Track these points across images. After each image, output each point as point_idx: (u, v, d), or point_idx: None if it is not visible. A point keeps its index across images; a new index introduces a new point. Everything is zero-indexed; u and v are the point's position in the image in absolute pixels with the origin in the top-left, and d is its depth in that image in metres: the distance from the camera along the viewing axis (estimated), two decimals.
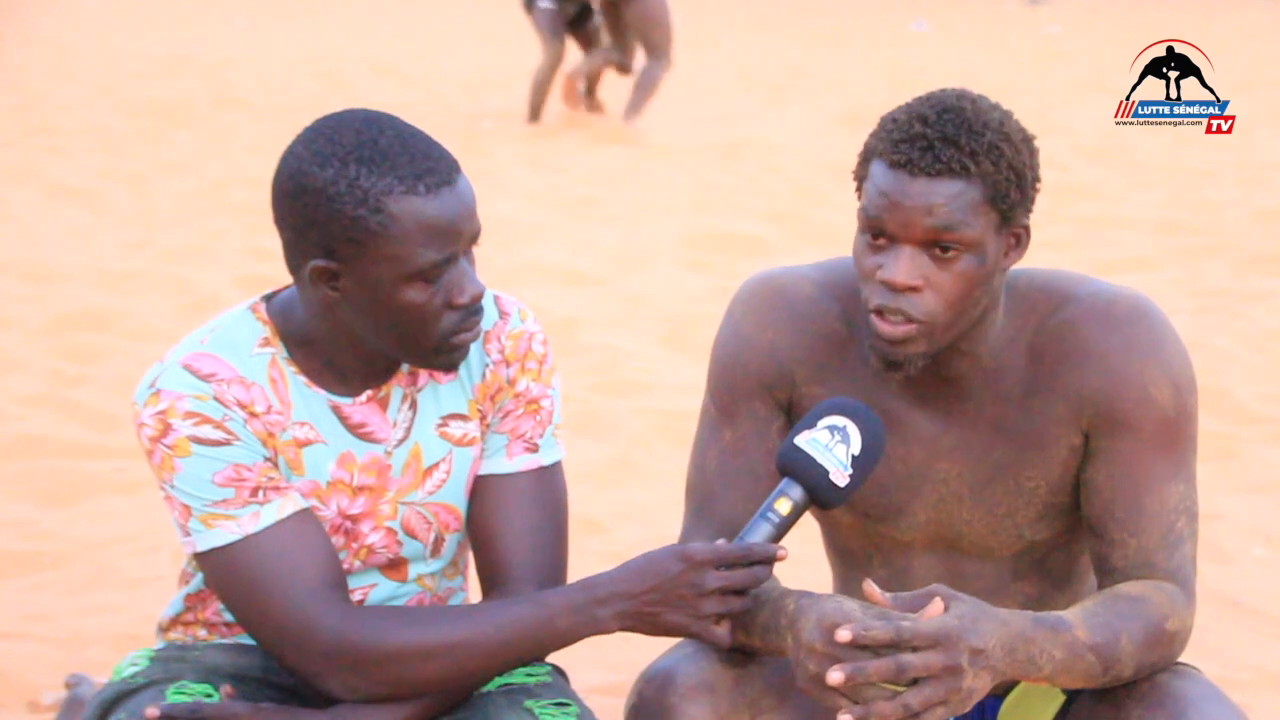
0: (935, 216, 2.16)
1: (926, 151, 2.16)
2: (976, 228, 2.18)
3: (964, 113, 2.19)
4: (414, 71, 13.75)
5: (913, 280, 2.18)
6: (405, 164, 2.14)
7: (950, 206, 2.16)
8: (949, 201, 2.16)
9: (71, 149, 10.03)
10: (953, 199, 2.16)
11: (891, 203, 2.18)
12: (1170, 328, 2.30)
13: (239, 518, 2.22)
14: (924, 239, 2.18)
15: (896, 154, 2.18)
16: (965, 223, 2.17)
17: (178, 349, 2.27)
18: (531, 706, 2.27)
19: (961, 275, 2.19)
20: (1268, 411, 5.56)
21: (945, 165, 2.16)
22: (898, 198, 2.18)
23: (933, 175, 2.16)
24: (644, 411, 5.50)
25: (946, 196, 2.16)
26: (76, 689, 3.23)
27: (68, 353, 6.03)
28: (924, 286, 2.19)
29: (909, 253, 2.19)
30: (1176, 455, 2.27)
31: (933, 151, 2.16)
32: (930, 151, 2.16)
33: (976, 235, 2.18)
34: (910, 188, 2.17)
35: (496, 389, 2.36)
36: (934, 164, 2.16)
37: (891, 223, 2.18)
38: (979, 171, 2.16)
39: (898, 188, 2.18)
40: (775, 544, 2.16)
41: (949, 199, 2.16)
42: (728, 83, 13.53)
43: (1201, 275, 7.42)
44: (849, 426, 2.18)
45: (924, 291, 2.19)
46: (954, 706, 2.05)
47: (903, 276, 2.18)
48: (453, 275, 2.19)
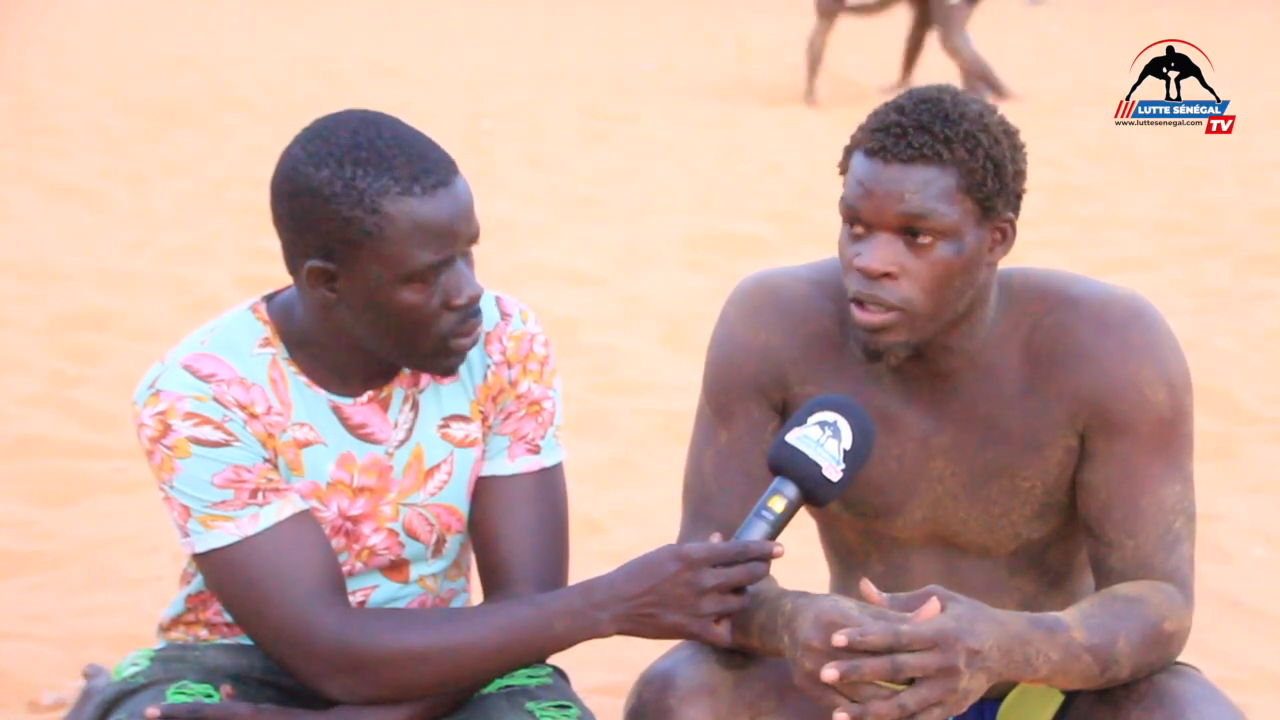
0: (906, 203, 2.17)
1: (900, 139, 2.18)
2: (951, 216, 2.18)
3: (941, 103, 2.20)
4: (414, 71, 13.75)
5: (887, 266, 2.19)
6: (402, 165, 2.14)
7: (922, 194, 2.17)
8: (920, 188, 2.17)
9: (71, 149, 10.02)
10: (924, 186, 2.17)
11: (865, 190, 2.19)
12: (1166, 328, 2.30)
13: (238, 519, 2.22)
14: (897, 225, 2.19)
15: (872, 142, 2.20)
16: (937, 210, 2.17)
17: (178, 349, 2.27)
18: (532, 708, 2.27)
19: (937, 264, 2.19)
20: (1268, 411, 5.57)
21: (917, 151, 2.17)
22: (871, 184, 2.19)
23: (905, 161, 2.17)
24: (644, 411, 5.51)
25: (918, 183, 2.17)
26: (93, 680, 3.22)
27: (68, 353, 6.03)
28: (899, 274, 2.19)
29: (884, 239, 2.20)
30: (1173, 456, 2.28)
31: (906, 138, 2.17)
32: (904, 139, 2.18)
33: (951, 223, 2.18)
34: (883, 174, 2.18)
35: (498, 390, 2.36)
36: (906, 150, 2.17)
37: (866, 210, 2.19)
38: (953, 159, 2.17)
39: (872, 175, 2.19)
40: (771, 541, 2.17)
41: (920, 186, 2.17)
42: (728, 83, 13.52)
43: (1201, 275, 7.42)
44: (839, 422, 2.19)
45: (899, 279, 2.19)
46: (950, 707, 2.05)
47: (876, 263, 2.19)
48: (450, 277, 2.19)
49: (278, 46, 15.36)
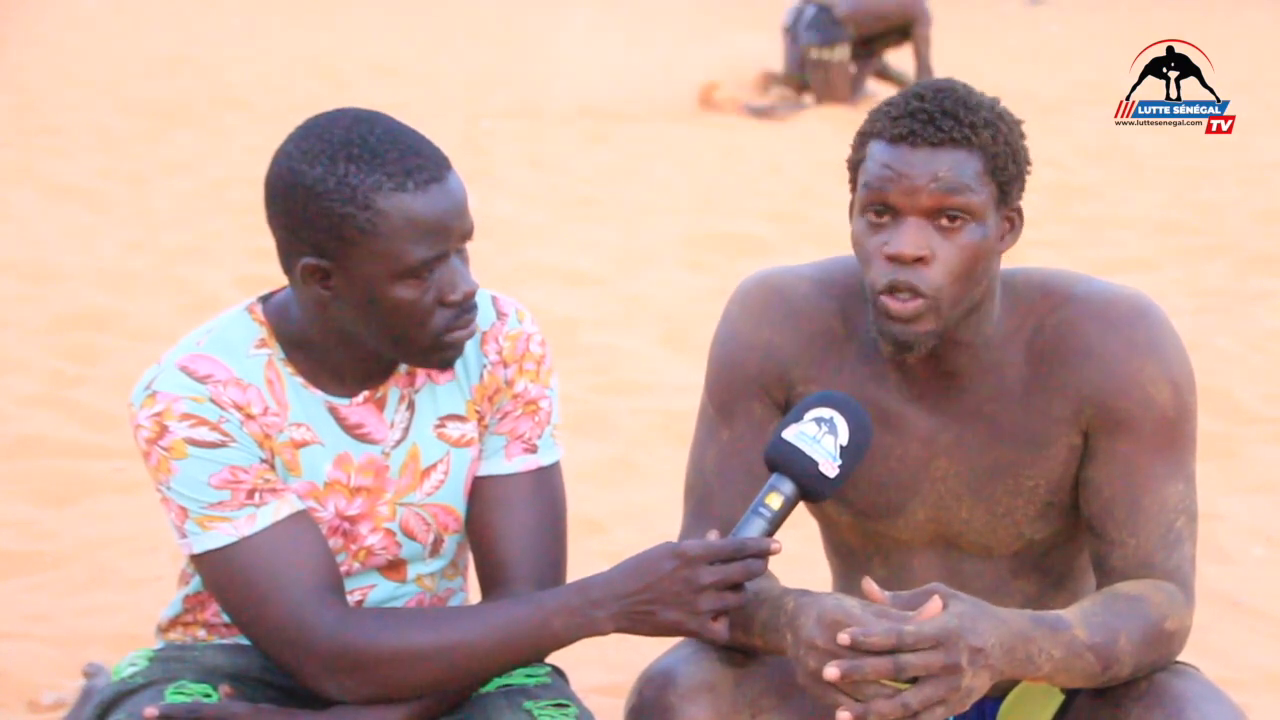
0: (941, 182, 2.18)
1: (928, 124, 2.19)
2: (981, 195, 2.20)
3: (957, 91, 2.23)
4: (414, 71, 13.75)
5: (920, 250, 2.19)
6: (394, 161, 2.14)
7: (955, 173, 2.18)
8: (953, 169, 2.19)
9: (71, 149, 10.02)
10: (956, 166, 2.19)
11: (896, 173, 2.19)
12: (1170, 327, 2.30)
13: (235, 520, 2.21)
14: (930, 207, 2.19)
15: (897, 128, 2.20)
16: (970, 188, 2.19)
17: (174, 351, 2.26)
18: (530, 708, 2.27)
19: (966, 247, 2.20)
20: (1268, 411, 5.56)
21: (947, 134, 2.19)
22: (902, 168, 2.19)
23: (935, 145, 2.19)
24: (644, 411, 5.50)
25: (950, 164, 2.19)
26: (93, 679, 3.22)
27: (68, 353, 6.03)
28: (931, 258, 2.19)
29: (915, 223, 2.20)
30: (1176, 455, 2.28)
31: (934, 123, 2.19)
32: (932, 123, 2.19)
33: (980, 203, 2.20)
34: (914, 158, 2.19)
35: (494, 390, 2.36)
36: (936, 134, 2.19)
37: (896, 194, 2.20)
38: (979, 142, 2.19)
39: (901, 159, 2.19)
40: (769, 538, 2.16)
41: (953, 166, 2.19)
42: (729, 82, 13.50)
43: (1201, 275, 7.42)
44: (835, 418, 2.18)
45: (931, 264, 2.20)
46: (953, 705, 2.05)
47: (910, 247, 2.19)
48: (444, 273, 2.18)
49: (278, 46, 15.36)
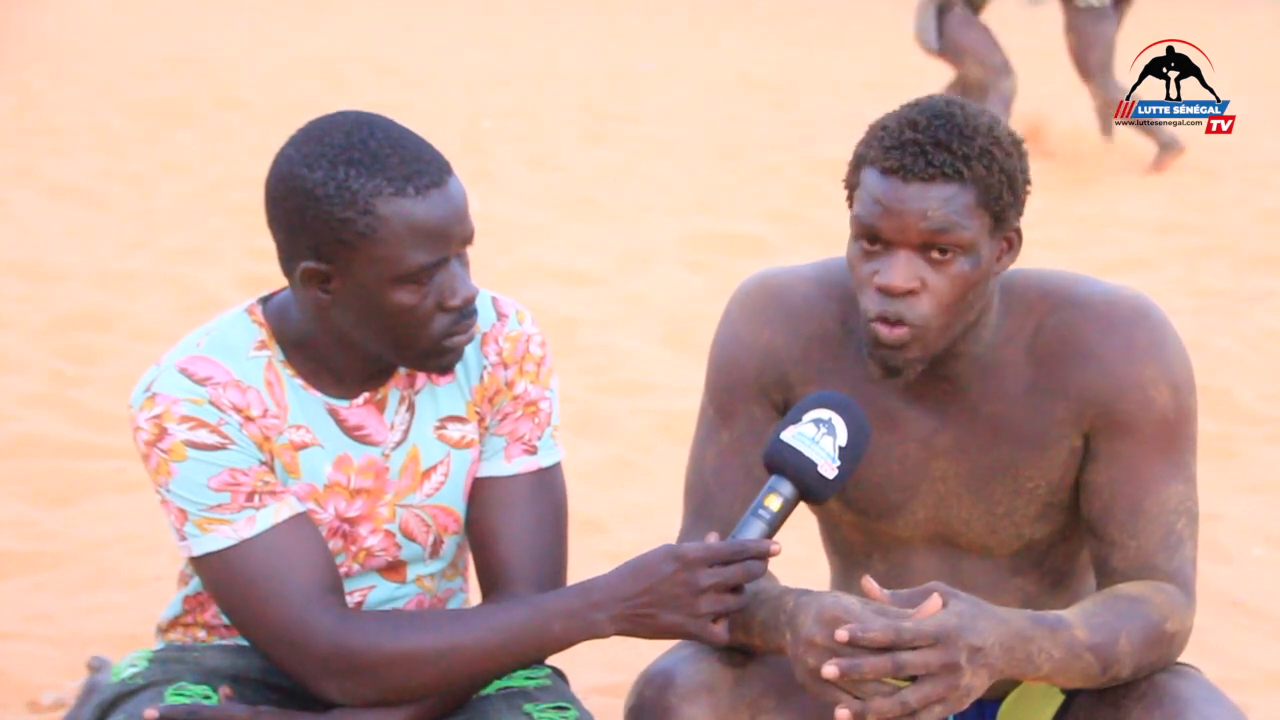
0: (930, 220, 2.17)
1: (919, 156, 2.17)
2: (971, 229, 2.18)
3: (954, 118, 2.19)
4: (414, 71, 13.74)
5: (910, 284, 2.19)
6: (395, 165, 2.14)
7: (945, 209, 2.17)
8: (944, 204, 2.17)
9: (71, 149, 10.02)
10: (947, 202, 2.17)
11: (886, 209, 2.18)
12: (1170, 328, 2.30)
13: (234, 522, 2.21)
14: (920, 242, 2.18)
15: (889, 160, 2.19)
16: (960, 224, 2.17)
17: (173, 352, 2.26)
18: (530, 710, 2.27)
19: (957, 278, 2.19)
20: (1268, 411, 5.57)
21: (939, 169, 2.17)
22: (892, 203, 2.18)
23: (927, 180, 2.17)
24: (643, 412, 5.50)
25: (941, 200, 2.17)
26: (98, 673, 3.22)
27: (68, 353, 6.03)
28: (920, 289, 2.19)
29: (905, 256, 2.19)
30: (1176, 456, 2.28)
31: (925, 156, 2.17)
32: (923, 156, 2.17)
33: (971, 237, 2.19)
34: (904, 193, 2.18)
35: (494, 391, 2.35)
36: (927, 168, 2.17)
37: (887, 228, 2.19)
38: (972, 176, 2.17)
39: (891, 193, 2.18)
40: (768, 540, 2.16)
41: (943, 202, 2.17)
42: (728, 82, 13.52)
43: (1201, 275, 7.43)
44: (834, 419, 2.18)
45: (920, 295, 2.19)
46: (952, 704, 2.05)
47: (900, 280, 2.19)
48: (444, 278, 2.18)
49: (278, 46, 15.36)
